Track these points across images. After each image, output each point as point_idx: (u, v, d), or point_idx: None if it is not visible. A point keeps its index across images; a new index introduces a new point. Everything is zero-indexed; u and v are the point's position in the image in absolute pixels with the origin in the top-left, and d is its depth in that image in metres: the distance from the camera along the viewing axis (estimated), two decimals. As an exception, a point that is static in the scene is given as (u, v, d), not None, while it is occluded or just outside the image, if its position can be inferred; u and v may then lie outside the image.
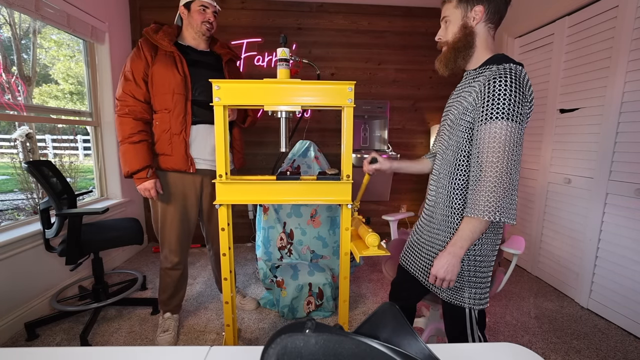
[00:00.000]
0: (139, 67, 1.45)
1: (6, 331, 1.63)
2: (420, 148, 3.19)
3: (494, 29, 0.96)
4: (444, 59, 0.99)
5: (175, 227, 1.60)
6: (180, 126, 1.48)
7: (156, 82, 1.46)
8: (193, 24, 1.52)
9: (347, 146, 1.10)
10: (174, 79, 1.46)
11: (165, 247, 1.63)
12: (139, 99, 1.46)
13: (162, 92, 1.46)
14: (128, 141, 1.44)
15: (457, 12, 0.95)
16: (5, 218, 2.31)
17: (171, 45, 1.48)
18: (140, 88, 1.46)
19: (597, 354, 1.60)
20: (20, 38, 2.09)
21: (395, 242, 1.65)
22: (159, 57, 1.47)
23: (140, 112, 1.47)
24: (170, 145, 1.49)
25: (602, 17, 1.90)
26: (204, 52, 1.60)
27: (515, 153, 0.85)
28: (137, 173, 1.45)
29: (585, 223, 2.01)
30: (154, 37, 1.47)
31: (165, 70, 1.46)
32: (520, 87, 0.84)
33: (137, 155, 1.44)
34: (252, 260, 2.69)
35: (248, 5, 2.82)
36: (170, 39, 1.49)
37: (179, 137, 1.49)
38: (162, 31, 1.50)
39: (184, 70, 1.48)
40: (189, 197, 1.61)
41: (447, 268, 0.92)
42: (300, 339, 0.36)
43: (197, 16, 1.49)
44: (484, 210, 0.85)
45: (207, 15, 1.51)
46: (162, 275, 1.67)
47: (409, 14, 2.95)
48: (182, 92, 1.47)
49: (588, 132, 2.01)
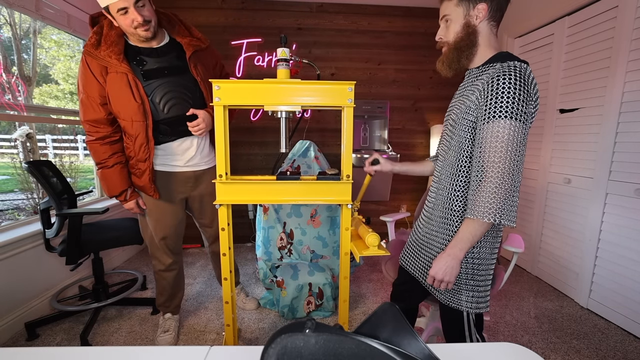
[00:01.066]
0: (94, 91, 1.28)
1: (6, 331, 1.63)
2: (420, 148, 3.19)
3: (496, 26, 0.93)
4: (447, 60, 0.95)
5: (160, 229, 1.55)
6: (143, 154, 1.38)
7: (114, 106, 1.31)
8: (126, 29, 1.26)
9: (347, 146, 1.10)
10: (129, 104, 1.29)
11: (155, 250, 1.60)
12: (102, 124, 1.34)
13: (122, 118, 1.33)
14: (102, 166, 1.39)
15: (459, 10, 0.91)
16: (5, 218, 2.31)
17: (121, 63, 1.25)
18: (100, 112, 1.31)
19: (597, 353, 1.60)
20: (21, 38, 2.09)
21: (395, 243, 1.65)
22: (110, 77, 1.27)
23: (108, 136, 1.36)
24: (138, 170, 1.42)
25: (601, 17, 1.90)
26: (162, 50, 1.36)
27: (518, 153, 0.82)
28: (117, 196, 1.44)
29: (585, 223, 2.01)
30: (98, 54, 1.24)
31: (120, 93, 1.28)
32: (525, 85, 0.81)
33: (113, 179, 1.40)
34: (252, 260, 2.69)
35: (248, 5, 2.82)
36: (119, 52, 1.25)
37: (144, 164, 1.40)
38: (104, 43, 1.25)
39: (140, 95, 1.30)
40: (174, 197, 1.54)
41: (445, 270, 0.90)
42: (300, 339, 0.36)
43: (122, 22, 1.23)
44: (484, 211, 0.83)
45: (131, 16, 1.21)
46: (157, 279, 1.66)
47: (409, 14, 2.95)
48: (140, 119, 1.32)
49: (588, 132, 2.01)
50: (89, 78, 1.27)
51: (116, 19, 1.24)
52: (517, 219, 1.11)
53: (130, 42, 1.33)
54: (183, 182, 1.54)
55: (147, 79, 1.32)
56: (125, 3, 1.18)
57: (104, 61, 1.25)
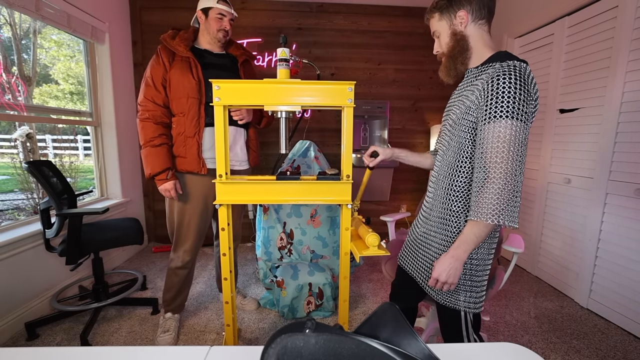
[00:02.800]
0: (158, 72, 1.51)
1: (6, 331, 1.63)
2: (420, 148, 3.19)
3: (486, 24, 0.94)
4: (445, 69, 0.99)
5: (193, 227, 1.63)
6: (193, 129, 1.52)
7: (173, 86, 1.51)
8: (210, 30, 1.56)
9: (347, 146, 1.10)
10: (188, 83, 1.51)
11: (179, 247, 1.65)
12: (159, 104, 1.52)
13: (178, 96, 1.52)
14: (149, 145, 1.50)
15: (443, 23, 0.96)
16: (5, 218, 2.31)
17: (187, 51, 1.52)
18: (160, 93, 1.52)
19: (597, 353, 1.60)
20: (21, 38, 2.09)
21: (395, 243, 1.65)
22: (175, 62, 1.52)
23: (160, 117, 1.52)
24: (185, 148, 1.54)
25: (602, 17, 1.90)
26: (220, 55, 1.64)
27: (520, 153, 0.82)
28: (157, 175, 1.51)
29: (585, 223, 2.01)
30: (171, 43, 1.52)
31: (181, 75, 1.51)
32: (525, 85, 0.81)
33: (157, 158, 1.50)
34: (252, 260, 2.69)
35: (248, 5, 2.82)
36: (187, 45, 1.54)
37: (192, 140, 1.53)
38: (179, 37, 1.55)
39: (198, 75, 1.52)
40: (208, 197, 1.64)
41: (449, 272, 0.89)
42: (300, 339, 0.36)
43: (214, 23, 1.54)
44: (488, 213, 0.83)
45: (223, 23, 1.55)
46: (170, 275, 1.68)
47: (409, 14, 2.95)
48: (195, 96, 1.51)
49: (588, 132, 2.01)
50: (157, 62, 1.52)
51: (209, 19, 1.54)
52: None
53: (197, 46, 1.61)
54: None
55: (204, 68, 1.55)
56: (227, 13, 1.55)
57: (173, 48, 1.52)
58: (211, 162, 1.60)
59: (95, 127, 2.47)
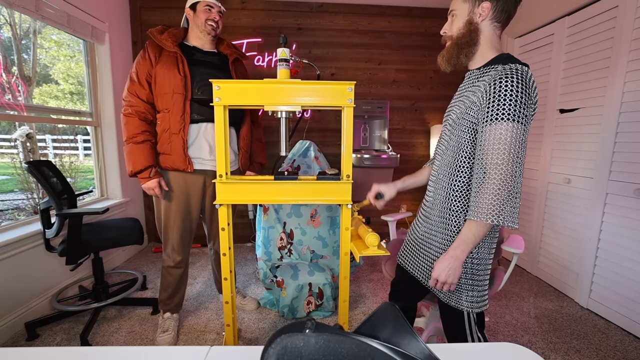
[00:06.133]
0: (143, 68, 1.49)
1: (6, 331, 1.63)
2: (420, 148, 3.19)
3: (500, 28, 0.94)
4: (447, 55, 0.97)
5: (177, 226, 1.61)
6: (178, 125, 1.49)
7: (158, 82, 1.49)
8: (198, 23, 1.55)
9: (347, 146, 1.10)
10: (174, 78, 1.48)
11: (168, 246, 1.64)
12: (142, 99, 1.50)
13: (163, 92, 1.49)
14: (132, 141, 1.48)
15: (465, 6, 0.93)
16: (5, 218, 2.31)
17: (174, 46, 1.51)
18: (144, 88, 1.50)
19: (597, 353, 1.60)
20: (21, 38, 2.09)
21: (395, 242, 1.65)
22: (162, 58, 1.50)
23: (143, 112, 1.50)
24: (170, 145, 1.51)
25: (601, 17, 1.90)
26: (209, 52, 1.62)
27: (520, 155, 0.83)
28: (140, 172, 1.49)
29: (585, 223, 2.01)
30: (159, 37, 1.51)
31: (166, 70, 1.48)
32: (526, 89, 0.82)
33: (140, 155, 1.48)
34: (252, 260, 2.69)
35: (248, 5, 2.82)
36: (175, 40, 1.52)
37: (177, 136, 1.50)
38: (167, 32, 1.54)
39: (185, 70, 1.50)
40: (192, 196, 1.62)
41: (448, 272, 0.90)
42: (300, 339, 0.36)
43: (202, 15, 1.53)
44: (487, 213, 0.84)
45: (211, 14, 1.54)
46: (164, 274, 1.68)
47: (409, 14, 2.95)
48: (180, 92, 1.49)
49: (588, 132, 2.01)
50: (144, 57, 1.51)
51: (197, 12, 1.53)
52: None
53: (186, 43, 1.59)
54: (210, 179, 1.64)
55: (192, 64, 1.53)
56: (215, 6, 1.53)
57: (160, 42, 1.51)
58: (200, 161, 1.58)
59: (95, 127, 2.47)
